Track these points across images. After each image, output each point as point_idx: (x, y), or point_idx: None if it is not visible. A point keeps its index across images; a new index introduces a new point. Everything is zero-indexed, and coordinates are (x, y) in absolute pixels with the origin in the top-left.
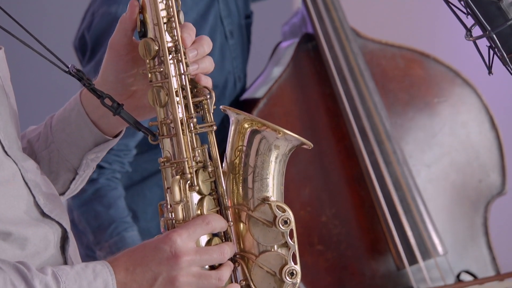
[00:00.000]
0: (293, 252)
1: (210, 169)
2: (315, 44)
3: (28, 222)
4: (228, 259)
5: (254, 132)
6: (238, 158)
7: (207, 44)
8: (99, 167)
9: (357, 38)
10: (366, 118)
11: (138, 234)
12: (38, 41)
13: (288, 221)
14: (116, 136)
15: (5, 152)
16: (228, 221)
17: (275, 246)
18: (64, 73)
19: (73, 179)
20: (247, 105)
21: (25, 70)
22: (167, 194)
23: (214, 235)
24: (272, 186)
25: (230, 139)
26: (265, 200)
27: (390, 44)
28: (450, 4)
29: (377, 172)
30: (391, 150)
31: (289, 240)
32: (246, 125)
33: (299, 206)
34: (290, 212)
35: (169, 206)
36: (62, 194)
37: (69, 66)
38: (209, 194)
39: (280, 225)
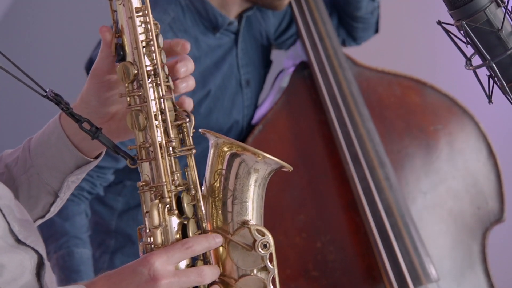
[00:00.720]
0: (273, 276)
1: (189, 193)
2: (310, 72)
3: (3, 249)
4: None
5: (233, 156)
6: (217, 181)
7: (191, 63)
8: None
9: (352, 66)
10: (358, 145)
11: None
12: (15, 65)
13: (267, 244)
14: (97, 157)
15: None
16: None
17: (255, 270)
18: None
19: (53, 202)
20: None
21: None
22: (145, 219)
23: (195, 258)
24: (252, 210)
25: (210, 163)
26: (245, 223)
27: (387, 72)
28: (450, 34)
29: (369, 198)
30: (382, 177)
31: (269, 264)
32: (225, 149)
33: (294, 232)
34: (270, 236)
35: (147, 230)
36: (42, 217)
37: (47, 91)
38: (189, 218)
39: (260, 249)
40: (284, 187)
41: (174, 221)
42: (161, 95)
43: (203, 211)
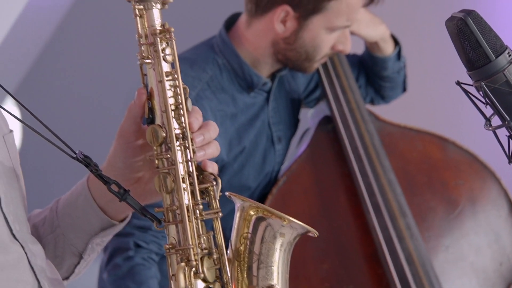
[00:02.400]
0: None
1: (215, 256)
2: (334, 126)
3: None
4: None
5: (259, 219)
6: (243, 245)
7: (213, 129)
8: (137, 245)
9: (375, 121)
10: (380, 194)
11: None
12: (46, 126)
13: None
14: (122, 221)
15: (13, 235)
16: None
17: None
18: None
19: (78, 263)
20: None
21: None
22: (171, 282)
23: None
24: (277, 274)
25: (236, 226)
26: None
27: (409, 128)
28: (469, 94)
29: (390, 247)
30: (404, 226)
31: None
32: (251, 212)
33: (317, 281)
34: None
35: None
36: (66, 278)
37: (77, 152)
38: (214, 281)
39: None
40: (307, 237)
41: (200, 285)
42: (189, 158)
43: (229, 275)
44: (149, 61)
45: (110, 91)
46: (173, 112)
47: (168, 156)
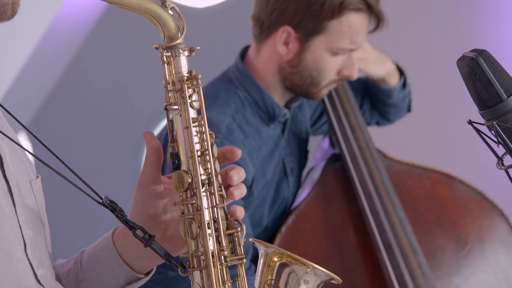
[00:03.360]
0: None
1: None
2: (342, 164)
3: None
4: None
5: (283, 266)
6: None
7: (242, 170)
8: None
9: (383, 159)
10: (391, 232)
11: None
12: (72, 171)
13: None
14: (147, 274)
15: (38, 281)
16: None
17: None
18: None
19: None
20: None
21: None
22: None
23: None
24: None
25: (259, 273)
26: None
27: (417, 166)
28: (481, 133)
29: (402, 285)
30: (416, 264)
31: None
32: (275, 259)
33: None
34: None
35: None
36: None
37: (103, 198)
38: None
39: None
40: None
41: None
42: (214, 204)
43: None
44: (176, 107)
45: (125, 125)
46: (199, 158)
47: (194, 201)
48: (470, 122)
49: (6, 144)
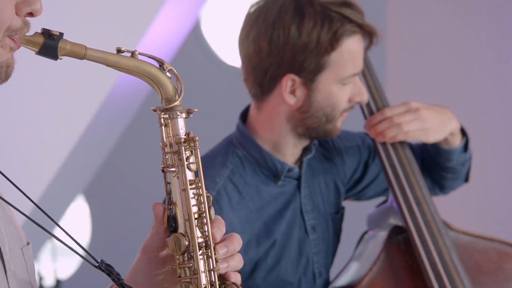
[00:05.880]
0: None
1: None
2: (406, 236)
3: None
4: None
5: None
6: None
7: (237, 242)
8: None
9: (449, 231)
10: None
11: None
12: (69, 235)
13: None
14: None
15: None
16: None
17: None
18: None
19: None
20: None
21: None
22: None
23: None
24: None
25: None
26: None
27: (482, 237)
28: None
29: None
30: None
31: None
32: None
33: None
34: None
35: None
36: None
37: (99, 261)
38: None
39: None
40: None
41: None
42: (211, 268)
43: None
44: (173, 169)
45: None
46: (196, 221)
47: (191, 265)
48: None
49: (0, 209)
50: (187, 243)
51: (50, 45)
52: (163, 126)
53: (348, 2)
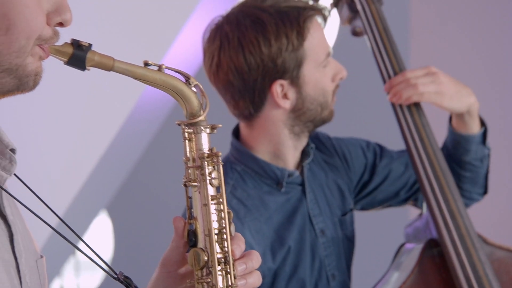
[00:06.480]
0: None
1: None
2: (440, 250)
3: None
4: None
5: None
6: None
7: (256, 259)
8: None
9: (484, 246)
10: None
11: None
12: (89, 247)
13: None
14: None
15: None
16: None
17: None
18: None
19: None
20: None
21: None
22: None
23: None
24: None
25: None
26: None
27: None
28: None
29: None
30: None
31: None
32: None
33: None
34: None
35: None
36: None
37: (118, 273)
38: None
39: None
40: None
41: None
42: (229, 284)
43: None
44: (195, 184)
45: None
46: (216, 236)
47: (209, 280)
48: None
49: (19, 221)
50: (206, 258)
51: (78, 55)
52: (187, 141)
53: None
